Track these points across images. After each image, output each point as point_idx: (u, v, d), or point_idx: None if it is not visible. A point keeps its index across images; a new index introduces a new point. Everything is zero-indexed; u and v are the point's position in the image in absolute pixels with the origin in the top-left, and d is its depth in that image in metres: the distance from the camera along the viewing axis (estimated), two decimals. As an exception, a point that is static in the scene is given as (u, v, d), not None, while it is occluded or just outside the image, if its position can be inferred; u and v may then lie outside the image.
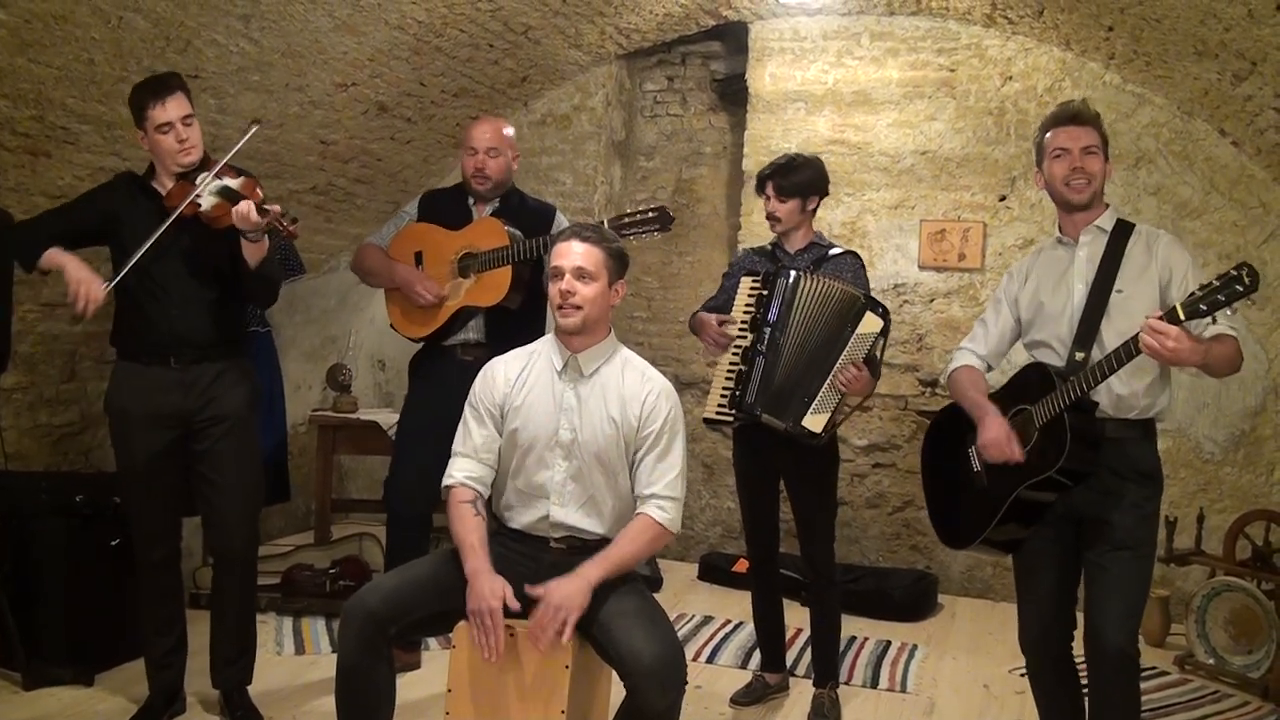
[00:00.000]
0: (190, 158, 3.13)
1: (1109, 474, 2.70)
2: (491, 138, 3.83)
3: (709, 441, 5.78)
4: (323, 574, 4.51)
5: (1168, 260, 2.71)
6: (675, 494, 2.72)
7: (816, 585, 3.70)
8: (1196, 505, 4.70)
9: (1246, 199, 4.77)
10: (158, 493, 3.24)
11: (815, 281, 3.47)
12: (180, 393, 3.19)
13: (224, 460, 3.25)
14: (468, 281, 3.75)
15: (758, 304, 3.55)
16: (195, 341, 3.20)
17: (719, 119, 5.97)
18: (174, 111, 3.08)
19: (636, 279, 5.97)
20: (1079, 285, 2.78)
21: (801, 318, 3.47)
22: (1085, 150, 2.76)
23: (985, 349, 3.03)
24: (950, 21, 5.22)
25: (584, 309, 2.68)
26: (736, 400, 3.53)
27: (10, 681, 3.57)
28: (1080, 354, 2.70)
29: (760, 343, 3.51)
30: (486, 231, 3.75)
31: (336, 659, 2.56)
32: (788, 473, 3.65)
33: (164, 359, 3.18)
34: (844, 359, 3.39)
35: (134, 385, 3.20)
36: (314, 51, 4.12)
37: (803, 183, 3.62)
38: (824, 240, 3.74)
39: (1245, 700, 3.97)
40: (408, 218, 3.96)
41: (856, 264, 3.65)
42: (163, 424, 3.19)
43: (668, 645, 2.48)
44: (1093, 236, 2.81)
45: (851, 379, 3.36)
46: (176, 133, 3.09)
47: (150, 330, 3.17)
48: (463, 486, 2.73)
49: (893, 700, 3.92)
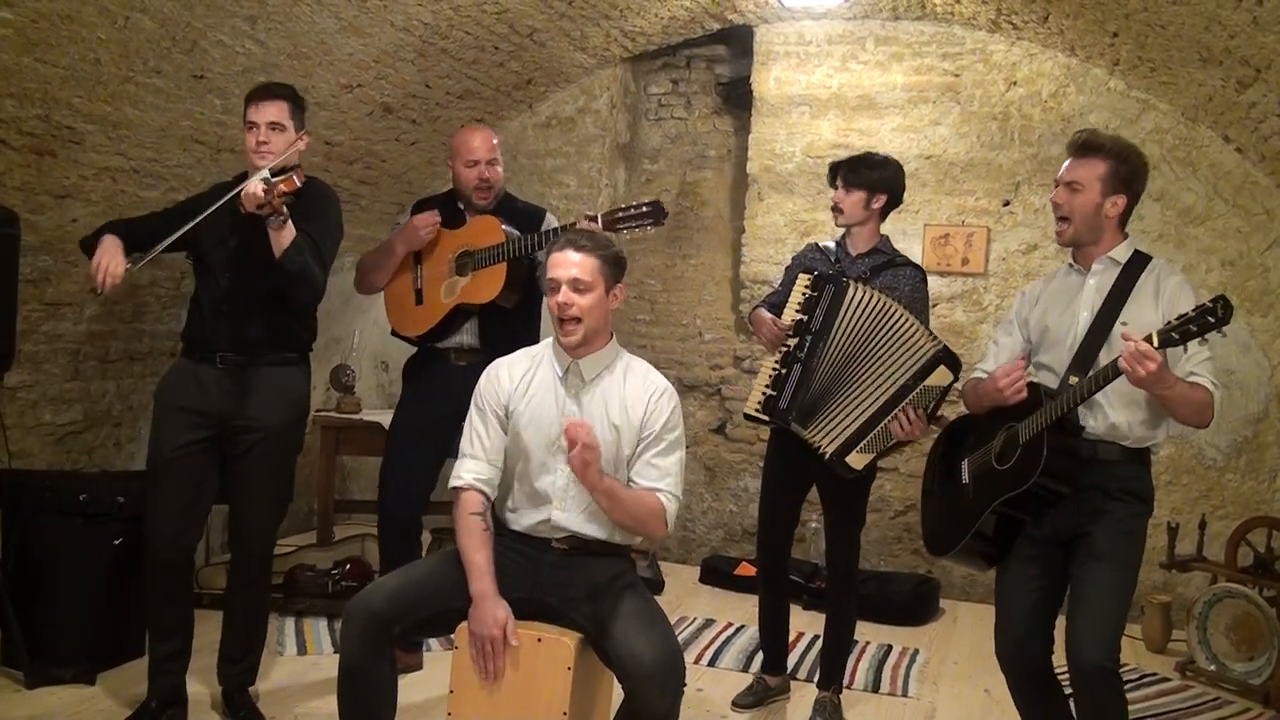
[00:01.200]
0: (263, 160, 3.16)
1: (1097, 493, 2.70)
2: (490, 148, 3.83)
3: (711, 444, 5.78)
4: (325, 574, 4.51)
5: (1172, 300, 2.68)
6: (677, 492, 2.73)
7: (837, 591, 3.69)
8: (1198, 512, 4.70)
9: (1250, 205, 4.77)
10: (179, 488, 3.20)
11: (868, 295, 3.37)
12: (218, 392, 3.20)
13: (253, 471, 3.26)
14: (464, 279, 3.75)
15: (805, 306, 3.47)
16: (241, 342, 3.21)
17: (723, 122, 5.98)
18: (264, 115, 3.18)
19: (639, 282, 5.98)
20: (1084, 313, 2.78)
21: (846, 330, 3.40)
22: (1069, 185, 2.75)
23: (995, 367, 3.00)
24: (955, 26, 5.23)
25: (583, 321, 2.68)
26: (771, 403, 3.49)
27: (13, 680, 3.57)
28: (1074, 378, 2.69)
29: (800, 349, 3.46)
30: (483, 230, 3.76)
31: (339, 659, 2.57)
32: (821, 482, 3.62)
33: (211, 357, 3.21)
34: (906, 405, 3.31)
35: (181, 380, 3.25)
36: (319, 53, 4.13)
37: (873, 178, 3.52)
38: (889, 248, 3.62)
39: (1246, 707, 3.97)
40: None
41: (916, 278, 3.54)
42: (195, 421, 3.20)
43: (667, 648, 2.49)
44: (1104, 267, 2.79)
45: (908, 430, 3.31)
46: (258, 133, 3.17)
47: (203, 326, 3.22)
48: (472, 490, 2.72)
49: (894, 705, 3.92)
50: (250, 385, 3.23)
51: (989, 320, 5.21)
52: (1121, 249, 2.79)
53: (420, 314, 3.83)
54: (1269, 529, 4.37)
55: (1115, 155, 2.72)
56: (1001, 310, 5.18)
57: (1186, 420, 2.61)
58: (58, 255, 3.78)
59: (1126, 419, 2.68)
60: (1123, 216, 2.77)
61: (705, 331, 5.92)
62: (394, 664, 2.62)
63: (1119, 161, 2.72)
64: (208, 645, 3.50)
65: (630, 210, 3.49)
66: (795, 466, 3.62)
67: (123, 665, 3.70)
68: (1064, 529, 2.74)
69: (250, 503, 3.30)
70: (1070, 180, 2.75)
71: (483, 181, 3.80)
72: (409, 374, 3.99)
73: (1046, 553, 2.79)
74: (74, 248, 3.18)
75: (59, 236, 3.76)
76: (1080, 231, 2.77)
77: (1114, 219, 2.76)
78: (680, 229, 6.02)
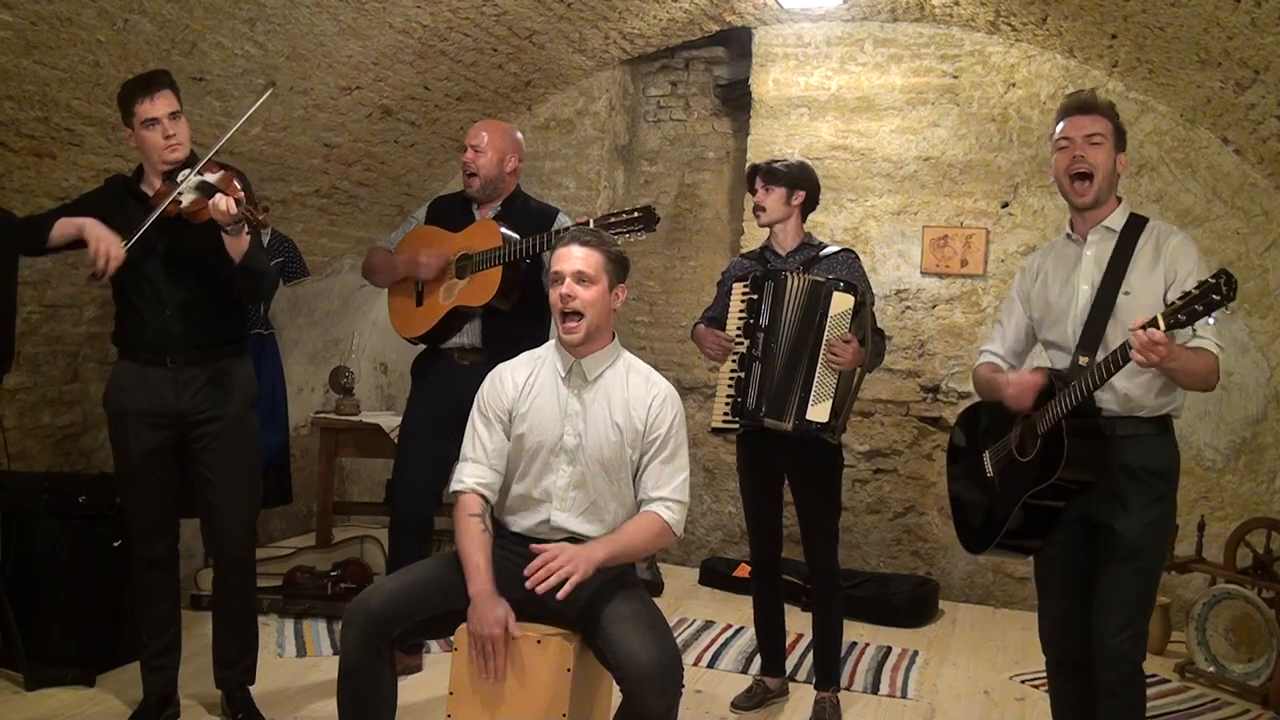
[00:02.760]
0: (176, 154, 3.11)
1: (1120, 473, 2.67)
2: (478, 135, 3.83)
3: (710, 446, 5.78)
4: (324, 576, 4.51)
5: (1174, 261, 2.65)
6: (682, 498, 2.74)
7: (820, 588, 3.70)
8: (1197, 513, 4.70)
9: (1249, 207, 4.78)
10: (154, 492, 3.25)
11: (802, 280, 3.50)
12: (175, 393, 3.19)
13: (219, 460, 3.25)
14: (461, 282, 3.76)
15: (749, 309, 3.57)
16: (190, 342, 3.20)
17: (722, 124, 5.98)
18: (161, 107, 3.07)
19: (639, 283, 5.98)
20: (1084, 286, 2.75)
21: (792, 318, 3.50)
22: (1089, 139, 2.70)
23: (1003, 348, 3.01)
24: (954, 28, 5.23)
25: (584, 315, 2.68)
26: (739, 407, 3.55)
27: (12, 682, 3.57)
28: (1084, 358, 2.67)
29: (755, 348, 3.54)
30: (483, 233, 3.76)
31: (338, 661, 2.57)
32: (792, 475, 3.66)
33: (160, 359, 3.19)
34: (825, 340, 3.41)
35: (131, 384, 3.21)
36: (318, 55, 4.13)
37: (788, 174, 3.64)
38: (815, 240, 3.74)
39: (1245, 708, 3.97)
40: (415, 222, 3.99)
41: (850, 259, 3.65)
42: (158, 424, 3.20)
43: (665, 649, 2.49)
44: (1100, 236, 2.76)
45: (840, 354, 3.38)
46: (163, 128, 3.08)
47: (146, 331, 3.17)
48: (473, 494, 2.72)
49: (893, 706, 3.92)
50: (202, 381, 3.22)
51: (988, 322, 5.21)
52: (1116, 215, 2.76)
53: (419, 315, 3.84)
54: (1268, 530, 4.37)
55: (1110, 112, 2.74)
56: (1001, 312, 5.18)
57: (1192, 388, 2.60)
58: (57, 258, 3.77)
59: (1141, 386, 2.66)
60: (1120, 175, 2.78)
61: (704, 333, 5.91)
62: (394, 665, 2.62)
63: (1115, 118, 2.74)
64: (203, 648, 3.50)
65: (623, 216, 3.47)
66: (766, 464, 3.68)
67: (122, 667, 3.70)
68: (1088, 512, 2.72)
69: (224, 493, 3.27)
70: (1092, 133, 2.69)
71: (465, 167, 3.83)
72: (415, 374, 4.00)
73: (1075, 537, 2.78)
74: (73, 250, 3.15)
75: (58, 238, 3.75)
76: (1102, 190, 2.72)
77: (1118, 177, 2.76)
78: (679, 231, 6.02)
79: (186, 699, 3.46)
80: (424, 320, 3.82)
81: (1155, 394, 2.67)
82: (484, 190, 3.84)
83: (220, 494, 3.27)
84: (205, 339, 3.23)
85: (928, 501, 5.34)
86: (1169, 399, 2.69)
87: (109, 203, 3.18)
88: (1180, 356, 2.46)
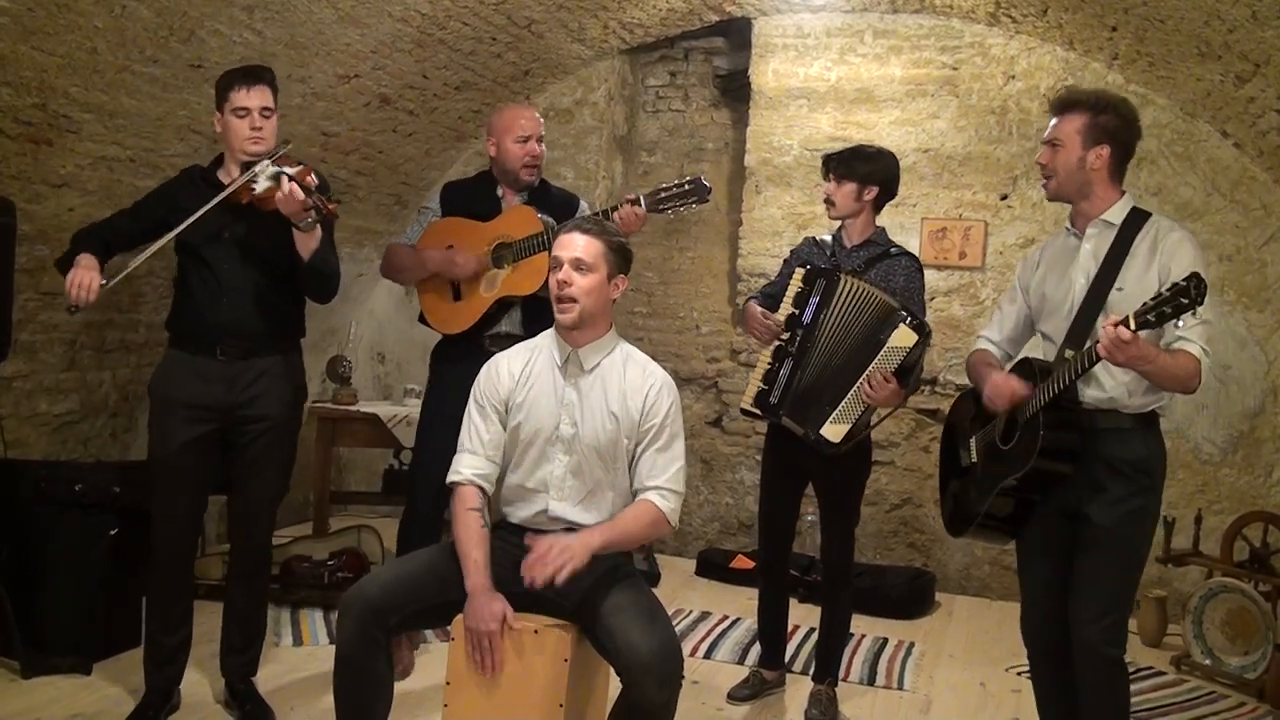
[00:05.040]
0: (258, 146, 3.13)
1: (1100, 465, 2.67)
2: (539, 125, 3.78)
3: (708, 438, 5.78)
4: (321, 565, 4.51)
5: (1169, 259, 2.61)
6: (677, 487, 2.73)
7: (830, 583, 3.69)
8: (1194, 506, 4.71)
9: (1248, 201, 4.78)
10: (187, 485, 3.21)
11: (856, 286, 3.39)
12: (224, 386, 3.17)
13: (259, 461, 3.24)
14: (504, 271, 3.69)
15: (796, 300, 3.49)
16: (243, 333, 3.18)
17: (721, 115, 5.97)
18: (256, 99, 3.13)
19: (637, 274, 5.97)
20: (1079, 279, 2.73)
21: (836, 322, 3.41)
22: (1049, 143, 2.73)
23: (999, 335, 3.01)
24: (954, 20, 5.22)
25: (579, 302, 2.68)
26: (763, 397, 3.50)
27: (9, 670, 3.56)
28: (1070, 351, 2.66)
29: (792, 344, 3.47)
30: (520, 220, 3.70)
31: (335, 649, 2.56)
32: (816, 475, 3.62)
33: (211, 349, 3.17)
34: (872, 369, 3.32)
35: (179, 373, 3.19)
36: (317, 43, 4.12)
37: (864, 170, 3.52)
38: (884, 239, 3.62)
39: (1241, 701, 3.98)
40: (430, 213, 3.87)
41: (911, 267, 3.54)
42: (202, 415, 3.17)
43: (665, 640, 2.48)
44: (1099, 230, 2.73)
45: (877, 390, 3.29)
46: (252, 119, 3.12)
47: (200, 318, 3.15)
48: (470, 485, 2.72)
49: (889, 698, 3.93)
50: (253, 376, 3.21)
51: (986, 314, 5.21)
52: (1116, 209, 2.72)
53: (460, 310, 3.75)
54: (1265, 524, 4.38)
55: (1093, 106, 2.69)
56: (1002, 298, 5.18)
57: (1170, 389, 2.59)
58: (54, 244, 3.76)
59: (1124, 385, 2.64)
60: (1112, 169, 2.71)
61: (702, 324, 5.92)
62: (390, 655, 2.62)
63: (1098, 112, 2.68)
64: (205, 636, 3.50)
65: (673, 189, 3.49)
66: (791, 461, 3.63)
67: (119, 655, 3.70)
68: (1067, 502, 2.72)
69: (256, 493, 3.28)
70: (1051, 138, 2.72)
71: (534, 159, 3.75)
72: (440, 361, 3.89)
73: (1055, 526, 2.77)
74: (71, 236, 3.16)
75: (55, 226, 3.75)
76: (1064, 185, 2.73)
77: (1101, 171, 2.69)
78: (677, 222, 6.01)
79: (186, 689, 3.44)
80: (468, 315, 3.73)
81: (1141, 392, 2.65)
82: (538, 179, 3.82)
83: (254, 491, 3.27)
84: (258, 331, 3.21)
85: (924, 494, 5.34)
86: (1155, 397, 2.67)
87: (184, 190, 3.19)
88: (1155, 358, 2.45)
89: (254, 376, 3.21)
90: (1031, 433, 2.66)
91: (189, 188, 3.19)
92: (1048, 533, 2.79)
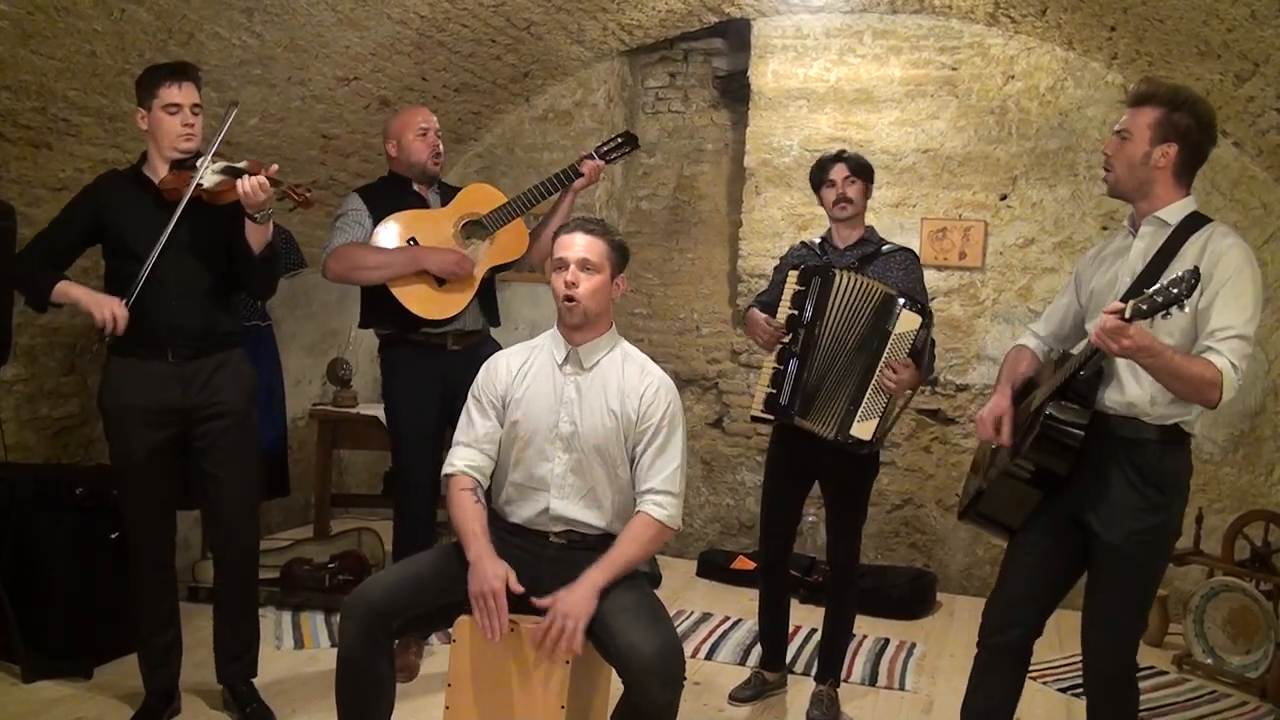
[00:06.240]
0: (190, 144, 3.12)
1: (1114, 476, 2.58)
2: (433, 118, 3.86)
3: (709, 439, 5.78)
4: (322, 568, 4.51)
5: (1212, 264, 2.46)
6: (673, 489, 2.71)
7: (837, 585, 3.68)
8: (1195, 505, 4.70)
9: (1248, 200, 4.77)
10: (156, 488, 3.22)
11: (854, 280, 3.40)
12: (180, 387, 3.16)
13: (225, 455, 3.23)
14: (485, 244, 3.78)
15: (794, 301, 3.50)
16: (193, 333, 3.17)
17: (721, 116, 5.97)
18: (187, 96, 3.09)
19: (637, 275, 5.97)
20: (1125, 277, 2.63)
21: (837, 318, 3.41)
22: (1118, 133, 2.62)
23: (1045, 330, 2.91)
24: (953, 20, 5.22)
25: (585, 302, 2.69)
26: (773, 401, 3.50)
27: (9, 673, 3.57)
28: None
29: (795, 344, 3.47)
30: (481, 197, 3.82)
31: (337, 652, 2.57)
32: (825, 478, 3.62)
33: (161, 352, 3.14)
34: (885, 359, 3.33)
35: (132, 380, 3.15)
36: (316, 45, 4.12)
37: (869, 169, 3.58)
38: (875, 237, 3.63)
39: (1243, 700, 3.98)
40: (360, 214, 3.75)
41: (909, 260, 3.56)
42: (162, 420, 3.16)
43: (667, 641, 2.48)
44: (1153, 228, 2.62)
45: (898, 376, 3.30)
46: (184, 115, 3.09)
47: (148, 322, 3.09)
48: (463, 475, 2.73)
49: (891, 698, 3.93)
50: (208, 373, 3.20)
51: (986, 314, 5.21)
52: (1175, 209, 2.59)
53: (451, 292, 3.74)
54: (1266, 523, 4.37)
55: (1168, 102, 2.57)
56: (999, 304, 5.19)
57: (1184, 396, 2.45)
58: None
59: (1150, 393, 2.53)
60: (1178, 169, 2.57)
61: (702, 325, 5.91)
62: (393, 657, 2.62)
63: (1172, 108, 2.56)
64: (203, 640, 3.50)
65: (610, 143, 3.94)
66: (798, 462, 3.62)
67: (120, 659, 3.69)
68: (1078, 511, 2.63)
69: (230, 492, 3.26)
70: (1120, 129, 2.62)
71: (435, 149, 3.82)
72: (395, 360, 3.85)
73: (1059, 528, 2.69)
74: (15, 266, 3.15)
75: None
76: (1122, 180, 2.63)
77: (1166, 170, 2.56)
78: (677, 223, 6.02)
79: (186, 692, 3.46)
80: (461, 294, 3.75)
81: (1163, 401, 2.53)
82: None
83: (227, 489, 3.26)
84: (208, 330, 3.20)
85: (925, 494, 5.34)
86: (1181, 409, 2.53)
87: (106, 197, 3.14)
88: (1160, 354, 2.35)
89: (209, 374, 3.20)
90: (1034, 422, 2.61)
91: (116, 195, 3.15)
92: (1052, 533, 2.71)
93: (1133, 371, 2.52)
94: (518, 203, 3.77)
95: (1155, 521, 2.57)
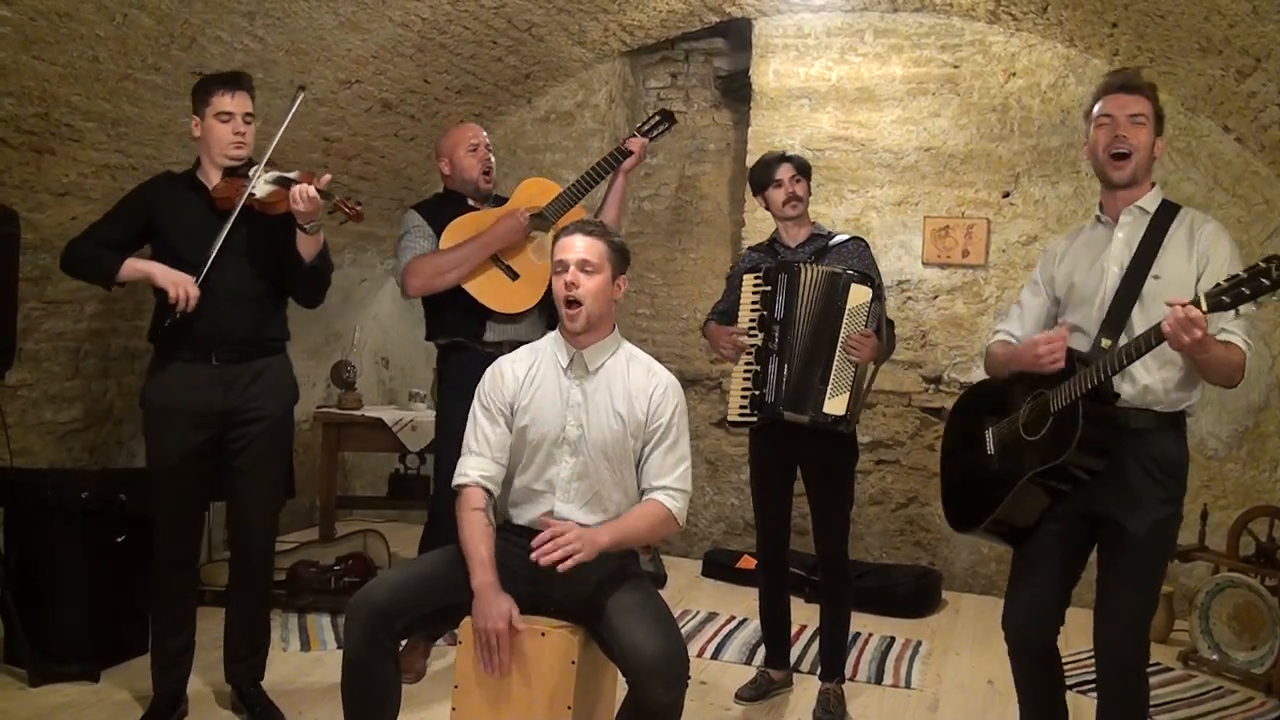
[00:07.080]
0: (241, 151, 3.17)
1: (1132, 468, 2.59)
2: (483, 134, 3.87)
3: (713, 438, 5.78)
4: (327, 570, 4.52)
5: (1208, 249, 2.57)
6: (684, 487, 2.74)
7: (829, 580, 3.69)
8: (1200, 501, 4.69)
9: (1250, 195, 4.77)
10: (187, 491, 3.24)
11: (816, 271, 3.48)
12: (221, 390, 3.19)
13: (257, 460, 3.26)
14: (549, 236, 3.74)
15: (763, 301, 3.54)
16: (238, 338, 3.20)
17: (722, 116, 5.97)
18: (240, 105, 3.15)
19: (640, 276, 5.97)
20: (1113, 268, 2.65)
21: (806, 310, 3.47)
22: (1132, 119, 2.62)
23: (1020, 330, 2.90)
24: (954, 18, 5.22)
25: (586, 304, 2.69)
26: (758, 400, 3.52)
27: (16, 678, 3.58)
28: (1106, 340, 2.58)
29: (772, 341, 3.50)
30: (536, 191, 3.84)
31: (343, 654, 2.57)
32: (806, 466, 3.64)
33: (206, 356, 3.18)
34: (844, 334, 3.40)
35: (174, 382, 3.18)
36: (318, 49, 4.13)
37: (809, 164, 3.67)
38: (824, 230, 3.73)
39: (1249, 696, 3.98)
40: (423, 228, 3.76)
41: (861, 248, 3.64)
42: (202, 422, 3.18)
43: (671, 641, 2.49)
44: (1133, 217, 2.67)
45: (859, 347, 3.37)
46: (235, 124, 3.15)
47: (195, 326, 3.12)
48: (476, 487, 2.72)
49: (897, 696, 3.93)
50: (247, 379, 3.22)
51: (989, 312, 5.21)
52: (1150, 197, 2.68)
53: (523, 284, 3.75)
54: (1270, 518, 4.37)
55: (1155, 95, 2.65)
56: (1003, 302, 5.18)
57: (1217, 382, 2.53)
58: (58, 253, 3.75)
59: (1161, 381, 2.57)
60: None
61: (706, 325, 5.91)
62: (398, 659, 2.62)
63: (1156, 100, 2.65)
64: (211, 642, 3.51)
65: (649, 121, 3.95)
66: (779, 455, 3.65)
67: (127, 662, 3.71)
68: (1094, 506, 2.63)
69: (256, 496, 3.30)
70: (1135, 112, 2.62)
71: (488, 164, 3.83)
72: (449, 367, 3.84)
73: (1072, 528, 2.69)
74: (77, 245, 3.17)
75: (59, 234, 3.75)
76: (1138, 169, 2.65)
77: (1155, 158, 2.68)
78: (679, 223, 6.02)
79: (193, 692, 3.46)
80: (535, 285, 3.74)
81: (1174, 388, 2.58)
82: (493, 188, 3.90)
83: (254, 492, 3.29)
84: (253, 336, 3.23)
85: (930, 492, 5.33)
86: (1186, 394, 2.60)
87: (161, 197, 3.20)
88: (1212, 346, 2.39)
89: (251, 378, 3.23)
90: (1069, 423, 2.54)
91: (170, 197, 3.20)
92: (1065, 534, 2.71)
93: (1141, 363, 2.52)
94: (574, 190, 3.77)
95: (1172, 511, 2.64)
